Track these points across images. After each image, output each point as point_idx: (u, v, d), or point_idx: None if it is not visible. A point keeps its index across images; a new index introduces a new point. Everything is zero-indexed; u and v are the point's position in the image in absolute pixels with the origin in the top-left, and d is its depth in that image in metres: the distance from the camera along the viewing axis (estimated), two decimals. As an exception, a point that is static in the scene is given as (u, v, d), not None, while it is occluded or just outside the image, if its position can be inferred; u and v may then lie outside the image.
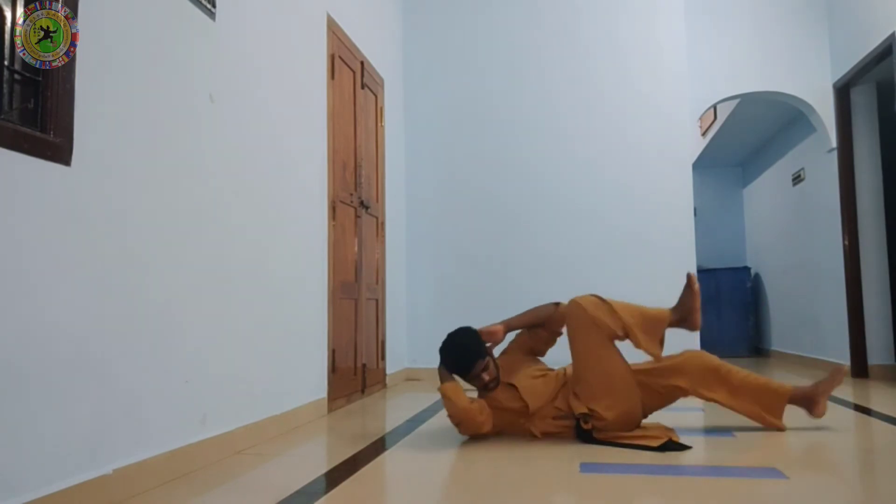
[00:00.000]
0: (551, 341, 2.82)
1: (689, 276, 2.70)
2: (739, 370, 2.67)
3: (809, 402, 2.68)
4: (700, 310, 2.67)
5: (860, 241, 4.86)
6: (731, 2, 5.17)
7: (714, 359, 2.67)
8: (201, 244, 2.31)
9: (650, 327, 2.57)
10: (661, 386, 2.60)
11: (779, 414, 2.67)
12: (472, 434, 2.63)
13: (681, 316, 2.67)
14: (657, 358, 2.57)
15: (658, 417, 2.72)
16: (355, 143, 3.96)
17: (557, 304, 2.75)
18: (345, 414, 3.39)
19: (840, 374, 2.77)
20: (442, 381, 2.62)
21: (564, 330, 2.72)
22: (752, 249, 7.85)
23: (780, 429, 2.66)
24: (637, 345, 2.54)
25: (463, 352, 2.61)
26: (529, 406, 2.58)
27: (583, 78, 4.86)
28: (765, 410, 2.65)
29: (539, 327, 2.78)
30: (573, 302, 2.61)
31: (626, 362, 2.60)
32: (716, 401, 2.64)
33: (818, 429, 2.80)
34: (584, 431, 2.52)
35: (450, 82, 5.07)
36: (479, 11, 5.06)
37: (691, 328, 2.68)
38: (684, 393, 2.63)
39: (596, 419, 2.51)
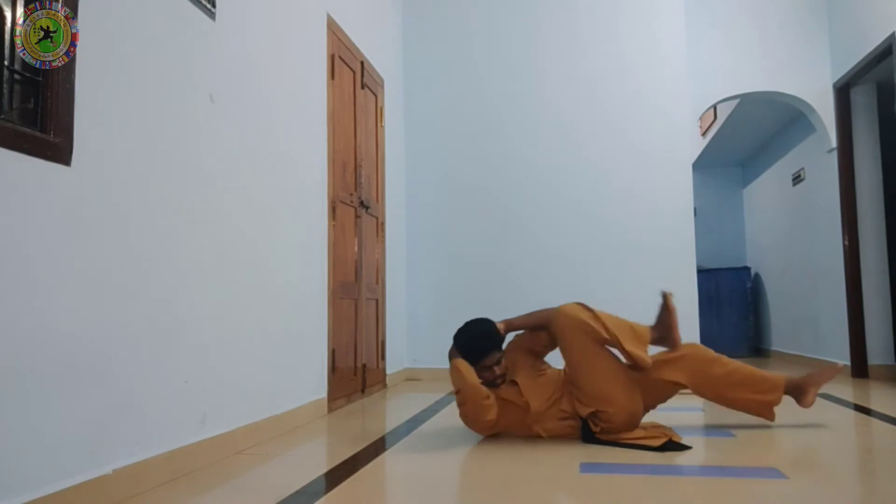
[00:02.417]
0: (551, 345, 2.76)
1: (664, 296, 2.71)
2: (734, 361, 2.70)
3: (799, 391, 2.73)
4: (677, 327, 2.67)
5: (860, 241, 4.86)
6: (731, 2, 5.16)
7: (710, 351, 2.70)
8: (201, 244, 2.31)
9: (634, 338, 2.57)
10: (657, 381, 2.60)
11: (774, 402, 2.70)
12: (477, 420, 2.58)
13: (660, 334, 2.68)
14: (644, 362, 2.54)
15: (658, 417, 2.72)
16: (355, 143, 3.96)
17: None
18: (345, 414, 3.39)
19: (833, 370, 2.85)
20: (452, 358, 2.61)
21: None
22: (752, 249, 7.85)
23: (771, 419, 2.71)
24: (622, 350, 2.53)
25: (485, 336, 2.61)
26: (530, 405, 2.57)
27: (583, 78, 4.86)
28: (760, 398, 2.68)
29: (541, 330, 2.74)
30: (558, 311, 2.61)
31: (620, 362, 2.60)
32: (711, 397, 2.69)
33: (818, 429, 2.80)
34: (590, 432, 2.53)
35: (450, 82, 5.07)
36: (480, 12, 5.06)
37: (671, 347, 2.68)
38: (681, 387, 2.63)
39: (603, 421, 2.51)
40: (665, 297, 2.70)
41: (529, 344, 2.78)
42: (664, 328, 2.68)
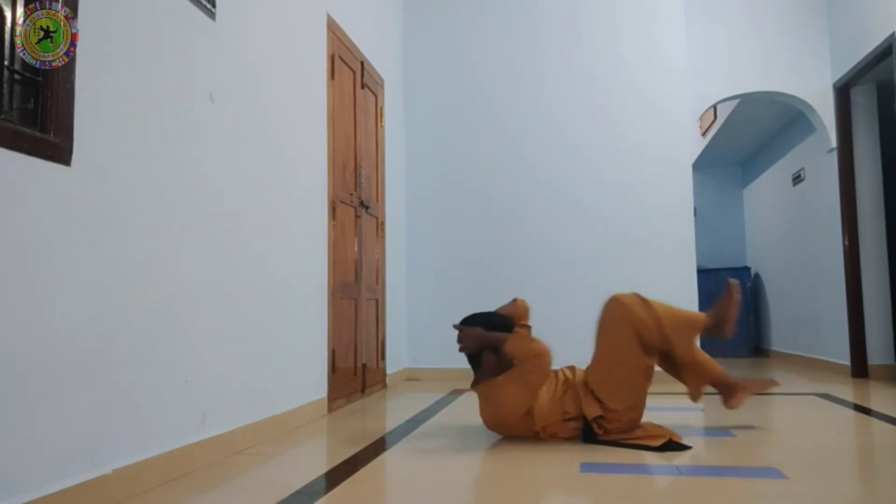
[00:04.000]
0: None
1: (730, 284, 2.71)
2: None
3: (730, 390, 2.77)
4: (736, 319, 2.68)
5: (860, 241, 4.86)
6: (731, 2, 5.16)
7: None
8: (201, 244, 2.31)
9: (683, 328, 2.60)
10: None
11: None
12: (529, 389, 2.53)
13: (716, 322, 2.69)
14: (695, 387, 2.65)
15: (658, 418, 2.71)
16: (355, 143, 3.96)
17: (514, 300, 2.96)
18: (345, 414, 3.39)
19: (770, 384, 3.03)
20: (501, 340, 2.59)
21: (530, 322, 2.90)
22: (752, 249, 7.85)
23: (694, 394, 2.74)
24: (666, 342, 2.53)
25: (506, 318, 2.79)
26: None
27: (582, 77, 4.86)
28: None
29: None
30: (613, 297, 2.62)
31: (644, 364, 2.56)
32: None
33: (818, 429, 2.80)
34: (592, 434, 2.52)
35: (450, 82, 5.07)
36: (480, 11, 5.06)
37: (724, 336, 2.69)
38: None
39: (608, 421, 2.50)
40: (730, 286, 2.70)
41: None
42: (721, 317, 2.69)
